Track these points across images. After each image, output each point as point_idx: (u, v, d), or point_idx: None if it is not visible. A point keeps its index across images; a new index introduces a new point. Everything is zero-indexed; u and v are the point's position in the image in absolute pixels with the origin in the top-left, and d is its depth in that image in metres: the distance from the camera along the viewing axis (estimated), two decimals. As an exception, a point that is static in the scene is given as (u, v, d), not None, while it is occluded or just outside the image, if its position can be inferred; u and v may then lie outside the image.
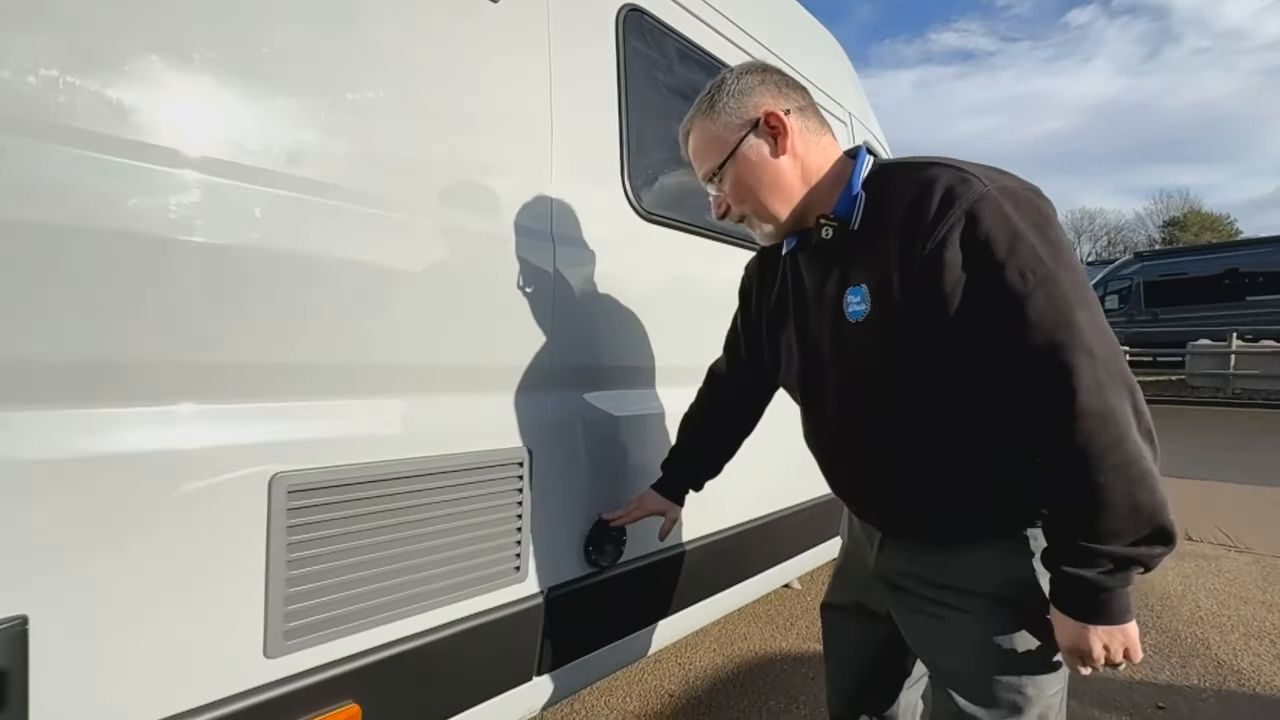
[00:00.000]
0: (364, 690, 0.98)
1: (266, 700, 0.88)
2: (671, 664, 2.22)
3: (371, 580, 0.99)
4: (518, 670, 1.23)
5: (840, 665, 1.21)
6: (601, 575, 1.37)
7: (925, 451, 0.90)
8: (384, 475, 1.00)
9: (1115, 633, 0.78)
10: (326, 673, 0.94)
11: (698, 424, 1.34)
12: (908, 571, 0.99)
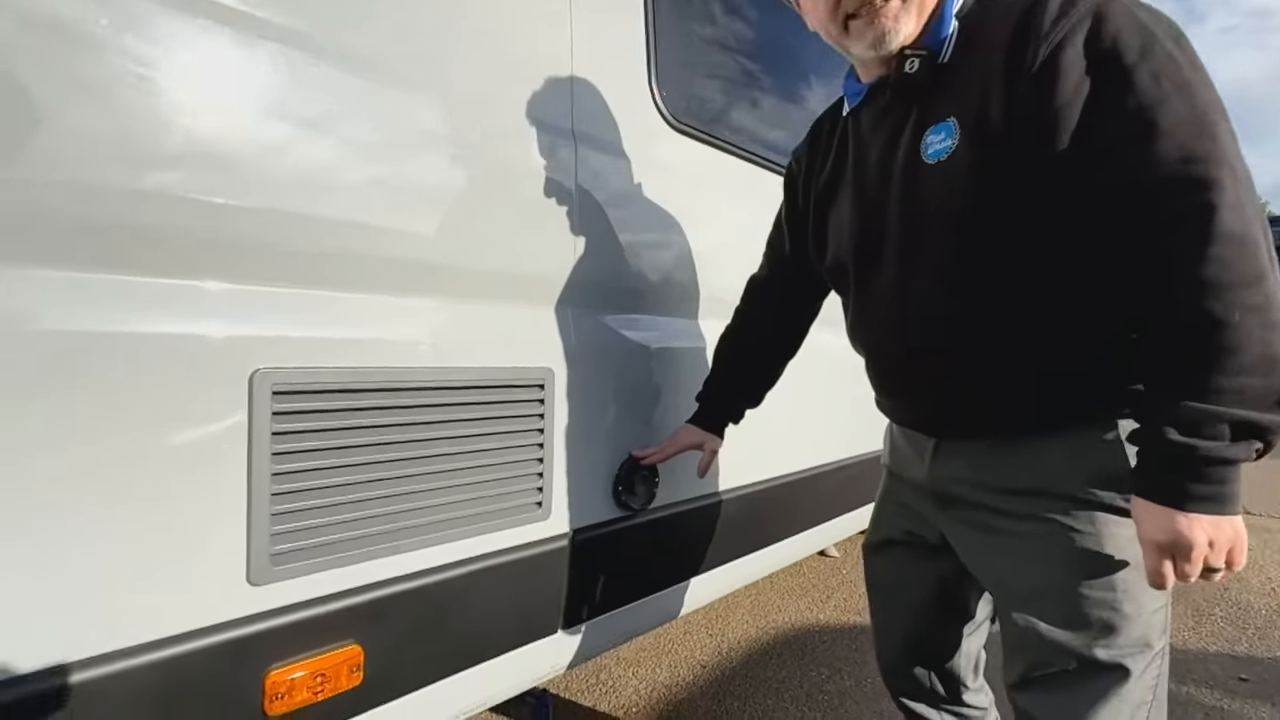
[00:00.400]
0: (366, 631, 0.85)
1: (252, 634, 0.75)
2: (703, 635, 2.08)
3: (371, 505, 0.86)
4: (541, 621, 1.10)
5: (891, 612, 1.06)
6: (632, 520, 1.23)
7: (1004, 318, 0.75)
8: (384, 383, 0.86)
9: (1224, 524, 0.62)
10: (322, 607, 0.81)
11: (736, 344, 1.20)
12: (969, 479, 0.83)
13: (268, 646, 0.77)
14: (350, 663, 0.83)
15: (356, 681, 0.84)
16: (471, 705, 1.03)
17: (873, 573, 1.08)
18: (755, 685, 1.80)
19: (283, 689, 0.77)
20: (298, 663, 0.79)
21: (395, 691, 0.90)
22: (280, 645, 0.78)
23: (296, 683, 0.78)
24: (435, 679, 0.95)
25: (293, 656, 0.79)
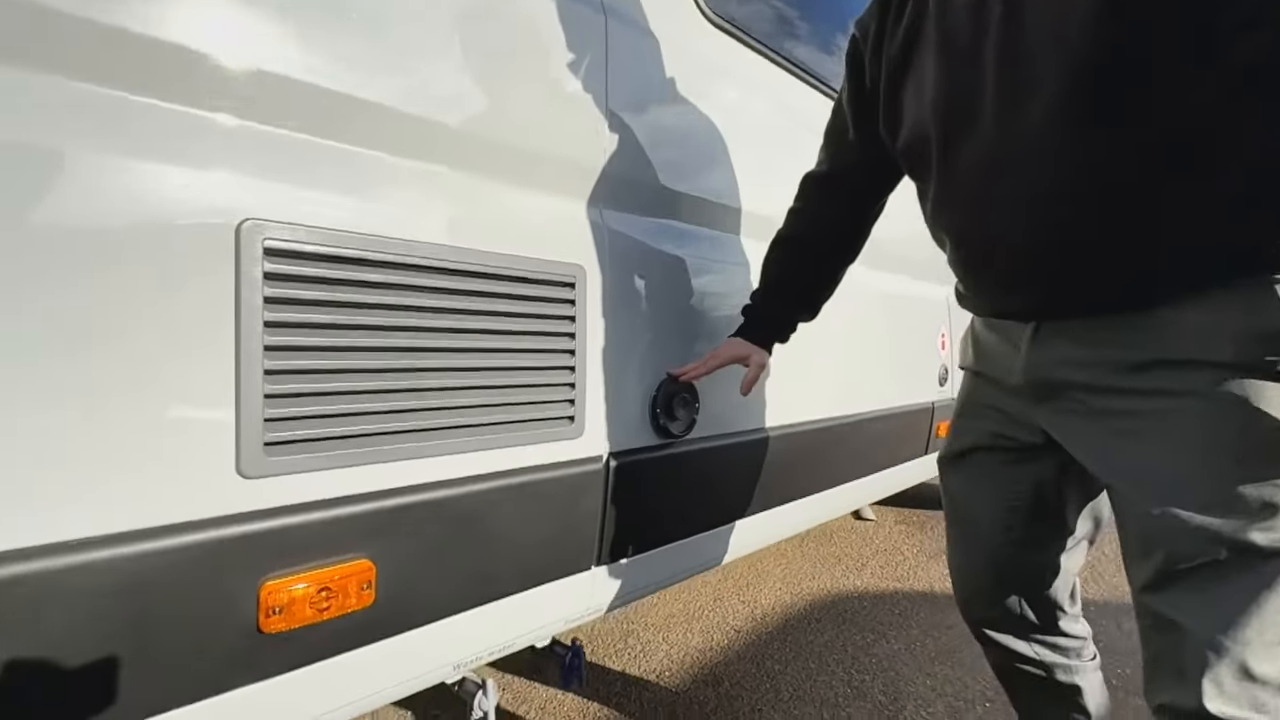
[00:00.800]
0: (378, 546, 0.73)
1: (243, 534, 0.64)
2: (734, 601, 1.95)
3: (379, 399, 0.74)
4: (574, 555, 0.98)
5: (974, 527, 0.92)
6: (672, 449, 1.11)
7: (1135, 174, 0.62)
8: (396, 257, 0.74)
9: None
10: (327, 512, 0.69)
11: (793, 245, 1.07)
12: (1079, 360, 0.71)
13: (262, 551, 0.65)
14: (360, 578, 0.71)
15: (367, 601, 0.72)
16: (496, 646, 0.91)
17: (954, 485, 0.95)
18: (795, 649, 1.67)
19: (280, 602, 0.65)
20: (299, 573, 0.67)
21: (410, 620, 0.78)
22: (277, 551, 0.66)
23: (297, 597, 0.66)
24: (456, 610, 0.83)
25: (293, 566, 0.67)
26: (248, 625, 0.64)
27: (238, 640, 0.64)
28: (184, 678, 0.61)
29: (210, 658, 0.62)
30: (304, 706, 0.72)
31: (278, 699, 0.69)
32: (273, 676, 0.67)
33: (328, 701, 0.73)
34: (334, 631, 0.71)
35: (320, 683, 0.72)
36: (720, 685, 1.49)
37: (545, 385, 0.91)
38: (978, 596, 0.93)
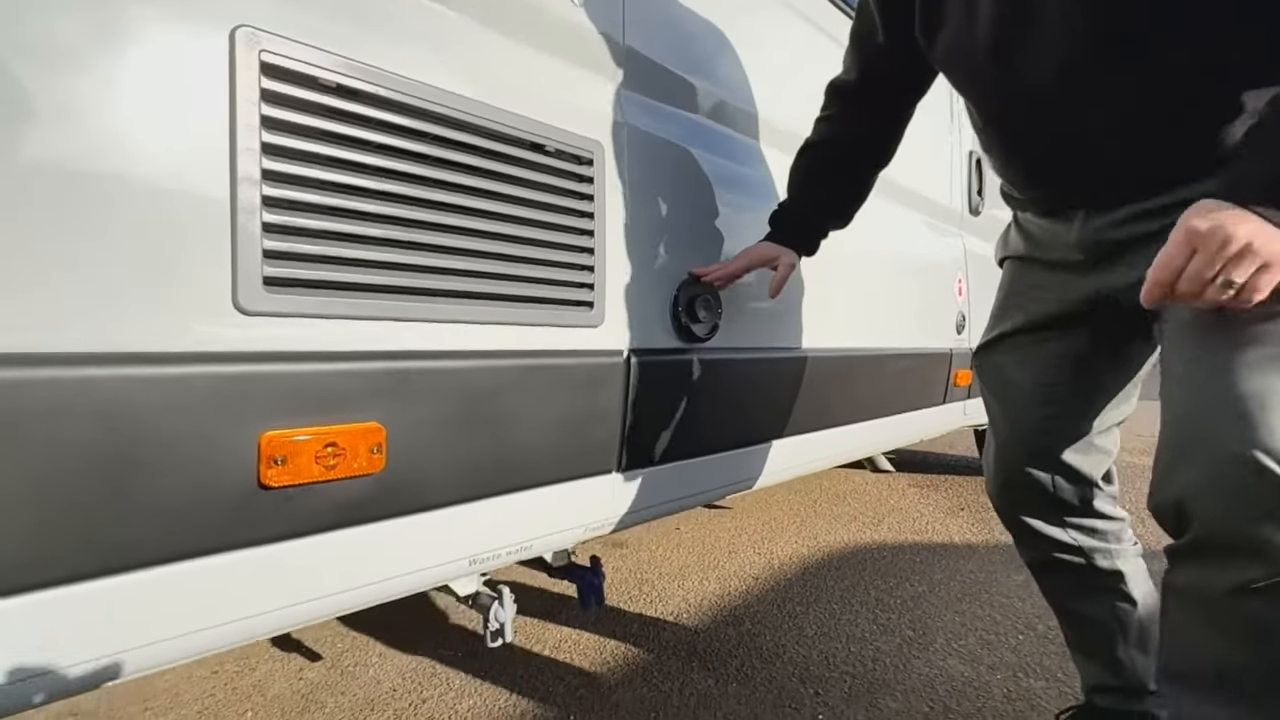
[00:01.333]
0: (389, 410, 0.67)
1: (245, 375, 0.58)
2: (749, 553, 1.90)
3: (388, 249, 0.68)
4: (596, 453, 0.92)
5: (1013, 405, 0.91)
6: (694, 354, 1.05)
7: (1195, 79, 0.63)
8: (406, 98, 0.68)
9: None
10: (332, 364, 0.63)
11: (823, 150, 1.02)
12: (1138, 210, 0.72)
13: (263, 397, 0.59)
14: (370, 440, 0.65)
15: (377, 466, 0.66)
16: (515, 545, 0.85)
17: (993, 365, 0.93)
18: (816, 593, 1.61)
19: (283, 452, 0.59)
20: (304, 426, 0.61)
21: (423, 499, 0.72)
22: (280, 401, 0.60)
23: (301, 448, 0.60)
24: (472, 496, 0.77)
25: (297, 420, 0.61)
26: (247, 477, 0.58)
27: (236, 492, 0.58)
28: (176, 528, 0.55)
29: (205, 508, 0.56)
30: (306, 585, 0.66)
31: (278, 571, 0.63)
32: (273, 541, 0.61)
33: (332, 582, 0.67)
34: (341, 498, 0.65)
35: (325, 559, 0.66)
36: (741, 625, 1.43)
37: (563, 265, 0.85)
38: (1011, 480, 0.90)
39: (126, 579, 0.54)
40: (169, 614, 0.57)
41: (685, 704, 1.13)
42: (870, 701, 1.13)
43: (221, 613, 0.60)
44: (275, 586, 0.63)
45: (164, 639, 0.57)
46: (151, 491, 0.53)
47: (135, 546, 0.53)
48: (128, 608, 0.55)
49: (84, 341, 0.51)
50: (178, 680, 1.22)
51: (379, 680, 1.21)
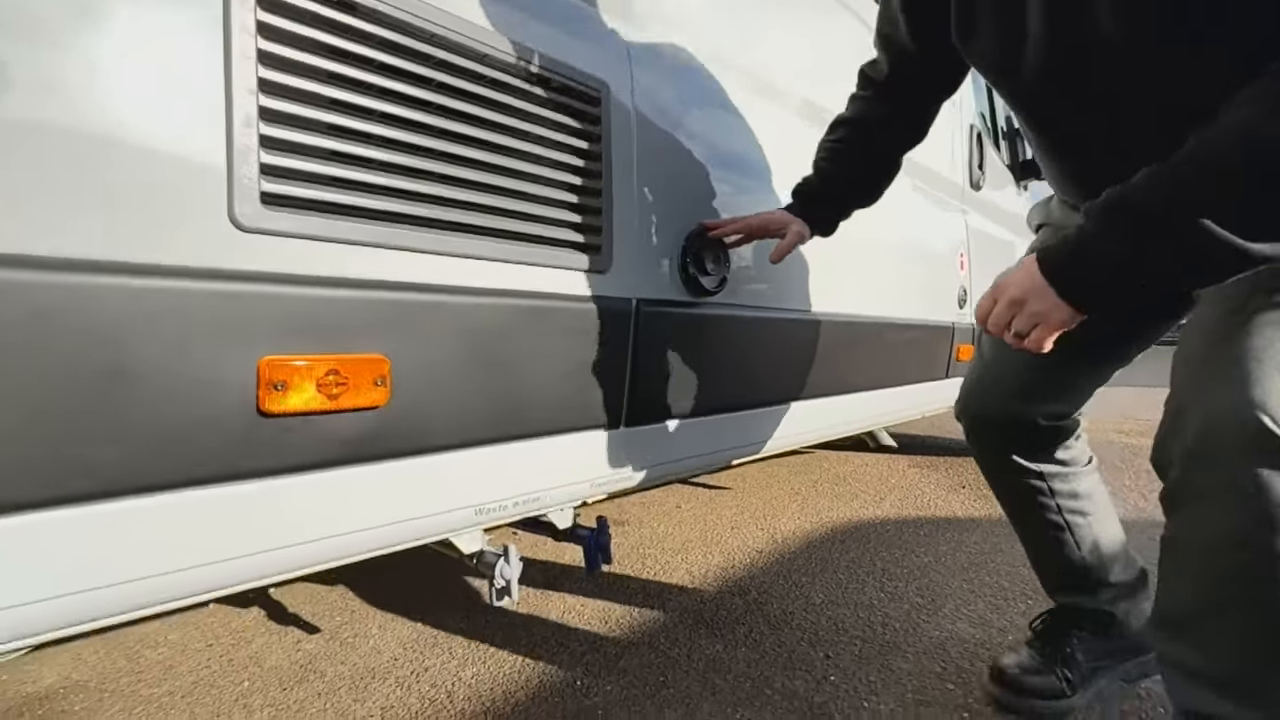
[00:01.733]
0: (393, 342, 0.65)
1: (243, 294, 0.55)
2: (752, 528, 1.88)
3: (390, 174, 0.65)
4: (603, 404, 0.89)
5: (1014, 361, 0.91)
6: (702, 309, 1.03)
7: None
8: (408, 15, 0.66)
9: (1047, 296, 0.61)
10: (336, 290, 0.61)
11: (854, 129, 1.01)
12: None
13: (262, 319, 0.56)
14: (374, 371, 0.62)
15: (381, 400, 0.63)
16: (522, 496, 0.83)
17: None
18: (822, 565, 1.59)
19: (283, 376, 0.56)
20: (306, 354, 0.58)
21: (427, 440, 0.70)
22: (280, 324, 0.57)
23: (302, 374, 0.57)
24: (479, 441, 0.75)
25: (299, 343, 0.58)
26: (246, 402, 0.55)
27: (234, 418, 0.55)
28: (170, 453, 0.52)
29: (201, 433, 0.53)
30: (308, 525, 0.63)
31: (278, 509, 0.60)
32: (274, 475, 0.58)
33: (335, 524, 0.65)
34: (344, 432, 0.62)
35: (327, 498, 0.63)
36: (747, 595, 1.41)
37: (570, 206, 0.82)
38: (992, 409, 0.96)
39: (111, 507, 0.51)
40: (157, 549, 0.54)
41: (694, 668, 1.11)
42: (882, 663, 1.12)
43: (217, 549, 0.57)
44: (275, 525, 0.60)
45: (148, 576, 0.54)
46: (142, 411, 0.50)
47: (123, 471, 0.50)
48: (112, 538, 0.52)
49: (64, 248, 0.48)
50: (172, 653, 1.18)
51: (379, 650, 1.18)
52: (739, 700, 1.01)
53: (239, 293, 0.54)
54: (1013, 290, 0.62)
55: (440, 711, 0.99)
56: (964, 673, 1.08)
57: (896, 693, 1.03)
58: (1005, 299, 0.63)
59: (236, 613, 1.33)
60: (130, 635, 1.24)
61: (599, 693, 1.04)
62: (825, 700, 1.01)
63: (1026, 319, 0.61)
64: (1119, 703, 1.00)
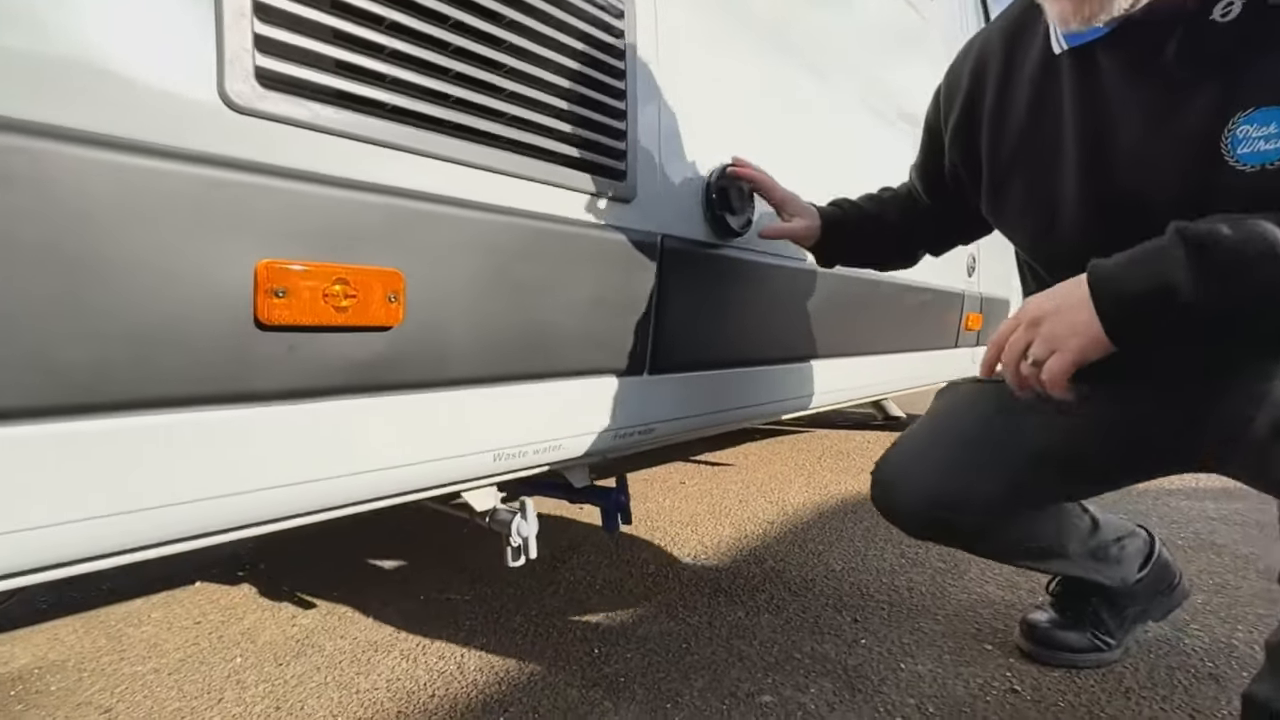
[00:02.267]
0: (406, 255, 0.58)
1: (240, 184, 0.47)
2: (760, 501, 1.83)
3: (404, 63, 0.58)
4: (628, 346, 0.83)
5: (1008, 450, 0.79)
6: (728, 252, 0.97)
7: None
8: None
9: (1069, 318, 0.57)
10: (346, 191, 0.53)
11: (875, 208, 0.99)
12: None
13: (262, 213, 0.48)
14: (386, 284, 0.55)
15: (394, 319, 0.56)
16: (541, 442, 0.76)
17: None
18: (838, 534, 1.54)
19: (285, 282, 0.49)
20: (312, 260, 0.51)
21: (443, 371, 0.63)
22: (284, 221, 0.49)
23: (306, 281, 0.50)
24: (497, 376, 0.68)
25: (304, 247, 0.51)
26: (241, 310, 0.48)
27: (227, 328, 0.48)
28: (149, 366, 0.45)
29: (189, 344, 0.46)
30: (310, 464, 0.56)
31: (276, 442, 0.53)
32: (272, 400, 0.51)
33: (340, 462, 0.58)
34: (352, 354, 0.55)
35: (332, 432, 0.56)
36: (764, 564, 1.36)
37: (594, 125, 0.75)
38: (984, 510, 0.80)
39: (72, 426, 0.43)
40: (128, 482, 0.46)
41: (718, 635, 1.05)
42: (913, 626, 1.07)
43: (206, 485, 0.50)
44: (272, 462, 0.53)
45: (111, 514, 0.46)
46: (114, 312, 0.43)
47: (92, 381, 0.43)
48: (73, 466, 0.44)
49: (25, 110, 0.40)
50: (156, 630, 1.10)
51: (381, 623, 1.11)
52: (768, 665, 0.96)
53: (234, 183, 0.47)
54: (1033, 308, 0.58)
55: (451, 683, 0.93)
56: (999, 633, 1.04)
57: (932, 654, 0.98)
58: (1027, 318, 0.58)
59: (225, 589, 1.25)
60: (110, 614, 1.16)
61: (619, 660, 0.98)
62: (859, 663, 0.96)
63: (1044, 343, 0.56)
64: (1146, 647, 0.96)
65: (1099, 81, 0.64)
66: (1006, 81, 0.73)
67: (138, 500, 0.46)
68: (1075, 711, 0.84)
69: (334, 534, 1.54)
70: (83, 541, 0.45)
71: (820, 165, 1.23)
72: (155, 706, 0.89)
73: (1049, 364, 0.55)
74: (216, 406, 0.49)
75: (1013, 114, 0.72)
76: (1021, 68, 0.71)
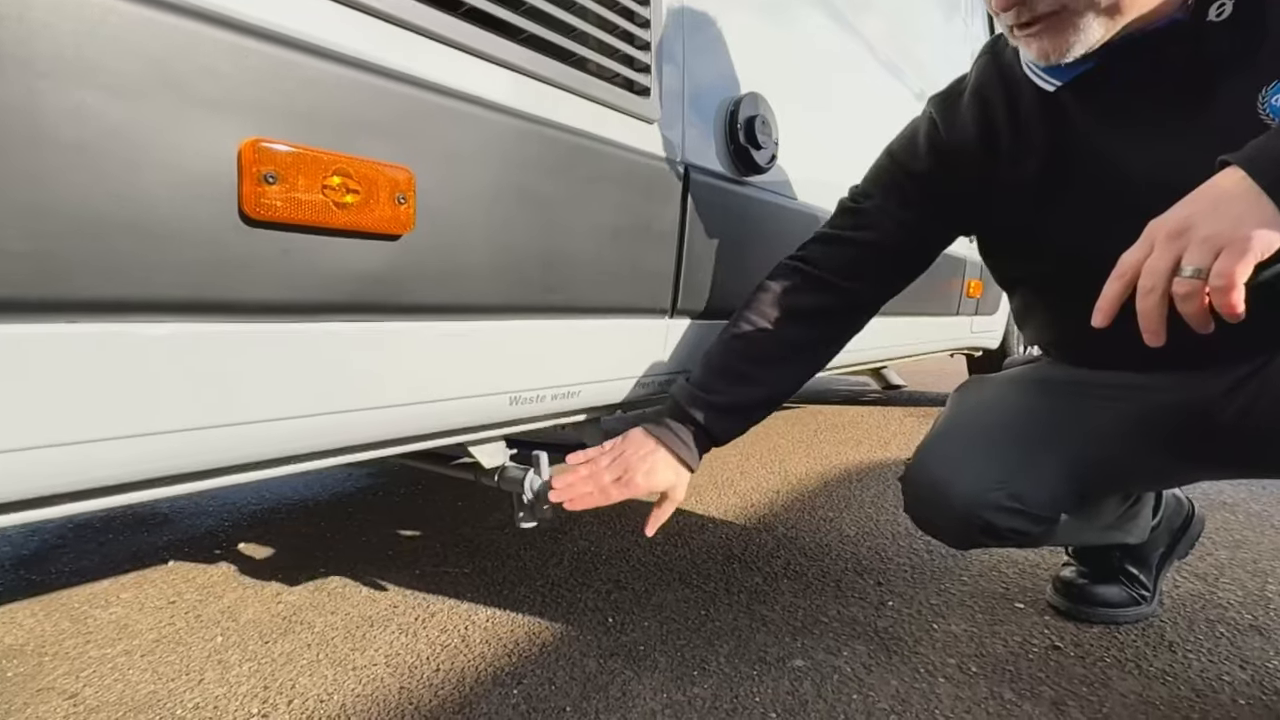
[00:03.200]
0: (421, 156, 0.50)
1: (213, 41, 0.39)
2: (762, 472, 1.78)
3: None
4: (651, 285, 0.76)
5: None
6: (751, 191, 0.90)
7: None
8: None
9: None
10: (348, 69, 0.45)
11: (772, 339, 0.77)
12: None
13: (247, 82, 0.40)
14: (395, 183, 0.47)
15: (403, 225, 0.48)
16: (560, 385, 0.69)
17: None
18: (846, 501, 1.50)
19: (277, 167, 0.41)
20: (304, 145, 0.43)
21: (458, 294, 0.55)
22: (274, 95, 0.41)
23: (301, 166, 0.42)
24: (514, 307, 0.61)
25: (299, 130, 0.42)
26: (222, 199, 0.40)
27: (204, 218, 0.39)
28: (106, 261, 0.36)
29: (156, 238, 0.38)
30: (302, 397, 0.48)
31: (261, 368, 0.44)
32: (259, 314, 0.43)
33: (335, 397, 0.49)
34: (356, 264, 0.47)
35: (332, 360, 0.48)
36: (775, 531, 1.31)
37: (616, 30, 0.67)
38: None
39: (10, 330, 0.35)
40: (72, 406, 0.38)
41: (736, 600, 0.99)
42: (938, 587, 1.03)
43: (170, 417, 0.41)
44: (258, 391, 0.45)
45: (50, 445, 0.37)
46: (59, 191, 0.35)
47: (33, 276, 0.35)
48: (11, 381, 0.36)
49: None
50: (127, 611, 1.01)
51: (375, 598, 1.03)
52: (795, 629, 0.90)
53: (213, 40, 0.38)
54: (1170, 220, 0.47)
55: (456, 656, 0.86)
56: (1028, 591, 1.00)
57: (964, 614, 0.94)
58: (1162, 233, 0.47)
59: (201, 568, 1.16)
60: (74, 596, 1.06)
61: (636, 629, 0.92)
62: (890, 625, 0.91)
63: (1203, 247, 0.44)
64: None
65: (1111, 108, 0.65)
66: (1017, 122, 0.70)
67: (68, 432, 0.38)
68: (1122, 666, 0.80)
69: (318, 507, 1.45)
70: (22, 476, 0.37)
71: (841, 108, 1.17)
72: (127, 690, 0.80)
73: (1219, 265, 0.43)
74: (188, 318, 0.40)
75: (1030, 151, 0.70)
76: (1027, 109, 0.69)
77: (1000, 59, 0.73)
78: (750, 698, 0.75)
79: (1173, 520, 0.96)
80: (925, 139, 0.76)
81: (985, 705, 0.73)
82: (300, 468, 0.51)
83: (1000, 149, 0.71)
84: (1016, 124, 0.70)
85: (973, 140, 0.72)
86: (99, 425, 0.38)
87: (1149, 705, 0.73)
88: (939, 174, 0.75)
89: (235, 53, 0.39)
